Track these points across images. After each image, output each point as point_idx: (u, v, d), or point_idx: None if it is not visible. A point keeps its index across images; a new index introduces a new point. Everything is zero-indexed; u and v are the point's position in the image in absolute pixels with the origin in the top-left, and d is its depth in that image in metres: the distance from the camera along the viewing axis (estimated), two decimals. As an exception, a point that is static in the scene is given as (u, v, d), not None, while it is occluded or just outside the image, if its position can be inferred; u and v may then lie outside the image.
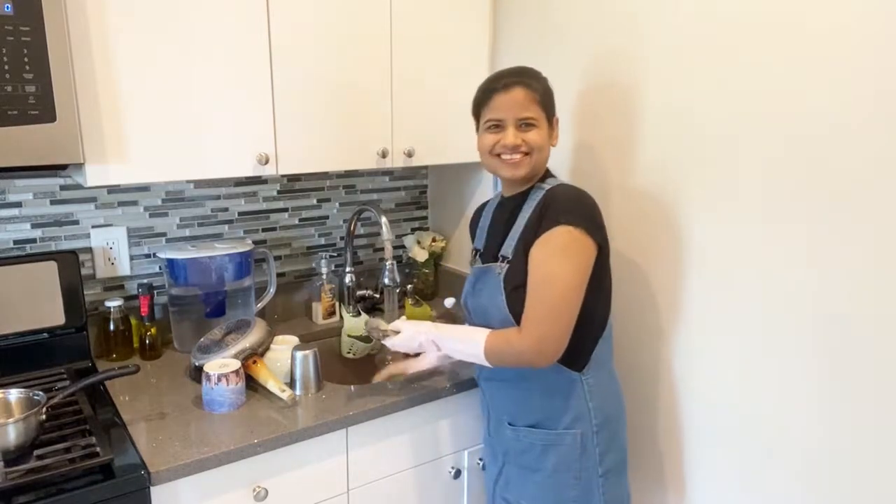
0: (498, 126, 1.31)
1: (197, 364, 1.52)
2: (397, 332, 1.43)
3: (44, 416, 1.22)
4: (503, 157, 1.31)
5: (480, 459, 1.66)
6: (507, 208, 1.39)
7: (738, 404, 1.39)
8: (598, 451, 1.34)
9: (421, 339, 1.39)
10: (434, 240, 2.15)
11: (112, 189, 1.69)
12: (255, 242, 1.90)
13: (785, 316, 1.28)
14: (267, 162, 1.54)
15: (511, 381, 1.37)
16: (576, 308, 1.24)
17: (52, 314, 1.56)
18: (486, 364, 1.31)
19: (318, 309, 1.94)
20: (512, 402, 1.39)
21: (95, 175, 1.35)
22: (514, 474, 1.41)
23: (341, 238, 2.09)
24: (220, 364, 1.44)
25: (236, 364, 1.43)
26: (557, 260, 1.23)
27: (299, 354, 1.50)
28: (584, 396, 1.33)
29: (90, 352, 1.66)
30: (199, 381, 1.50)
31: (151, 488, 1.19)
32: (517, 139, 1.29)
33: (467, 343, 1.33)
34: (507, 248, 1.33)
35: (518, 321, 1.28)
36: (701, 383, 1.46)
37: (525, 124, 1.30)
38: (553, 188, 1.31)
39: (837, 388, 1.22)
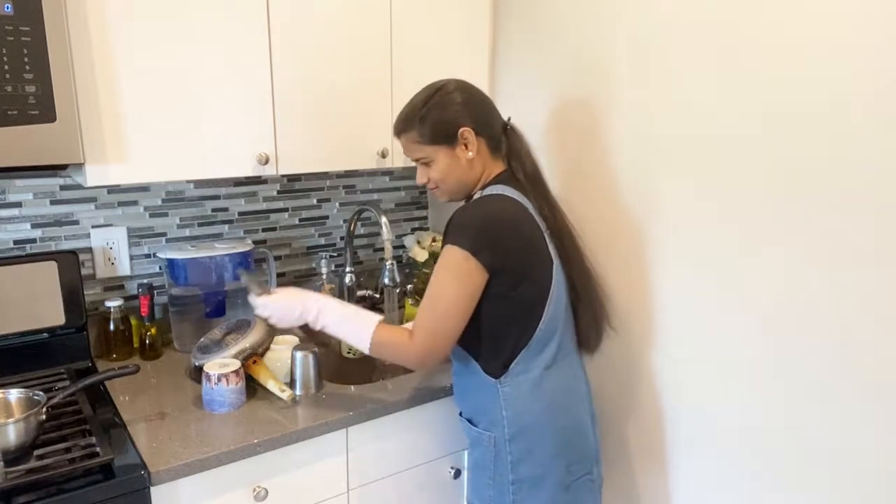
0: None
1: (197, 364, 1.52)
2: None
3: (44, 416, 1.22)
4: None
5: (452, 468, 1.65)
6: None
7: (721, 409, 1.40)
8: (510, 458, 1.33)
9: (301, 309, 1.34)
10: (434, 240, 2.15)
11: (112, 189, 1.69)
12: (255, 242, 1.90)
13: (765, 319, 1.29)
14: (267, 162, 1.54)
15: (456, 372, 1.44)
16: (458, 325, 1.27)
17: (52, 314, 1.56)
18: (364, 350, 1.31)
19: (318, 309, 1.94)
20: (457, 391, 1.46)
21: (95, 175, 1.35)
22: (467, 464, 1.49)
23: (341, 238, 2.09)
24: (221, 364, 1.43)
25: (236, 364, 1.43)
26: (444, 277, 1.26)
27: (299, 354, 1.50)
28: (499, 403, 1.33)
29: (90, 352, 1.66)
30: (199, 381, 1.50)
31: (151, 488, 1.19)
32: (423, 177, 1.39)
33: (355, 326, 1.32)
34: None
35: None
36: (685, 389, 1.47)
37: (423, 163, 1.37)
38: (467, 203, 1.33)
39: (832, 392, 1.22)
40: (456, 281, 1.25)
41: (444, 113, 1.32)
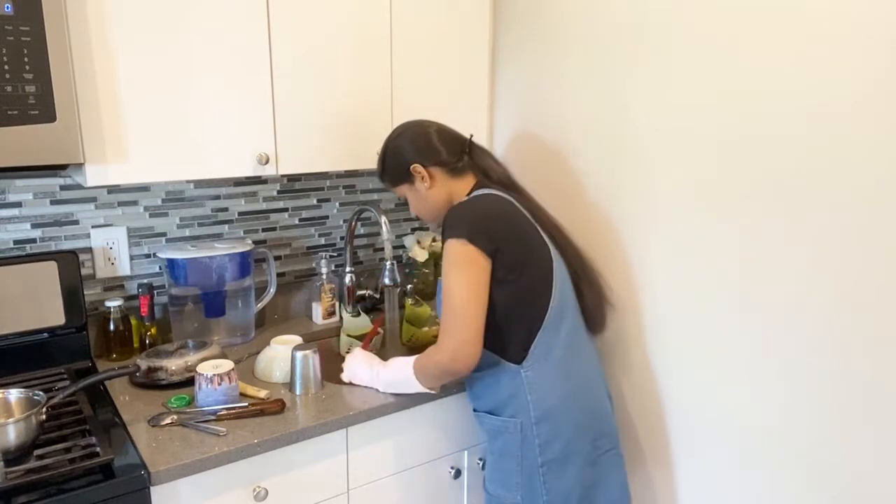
0: None
1: (142, 364, 1.50)
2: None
3: (44, 416, 1.22)
4: None
5: (480, 459, 1.66)
6: None
7: (715, 405, 1.40)
8: (537, 441, 1.36)
9: (367, 372, 1.51)
10: (434, 240, 2.15)
11: (112, 189, 1.69)
12: (255, 242, 1.90)
13: (759, 317, 1.29)
14: (267, 162, 1.54)
15: (477, 367, 1.43)
16: (477, 314, 1.30)
17: (52, 314, 1.56)
18: (422, 388, 1.42)
19: (318, 309, 1.94)
20: (472, 388, 1.48)
21: (95, 175, 1.35)
22: (486, 457, 1.49)
23: (341, 238, 2.09)
24: (214, 364, 1.43)
25: (230, 364, 1.43)
26: (450, 273, 1.32)
27: (299, 354, 1.50)
28: (523, 388, 1.37)
29: (90, 352, 1.66)
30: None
31: (151, 488, 1.19)
32: (412, 211, 1.54)
33: (401, 372, 1.44)
34: None
35: None
36: (678, 385, 1.47)
37: (405, 201, 1.54)
38: (457, 203, 1.40)
39: (827, 390, 1.22)
40: (460, 272, 1.30)
41: (395, 159, 1.48)
